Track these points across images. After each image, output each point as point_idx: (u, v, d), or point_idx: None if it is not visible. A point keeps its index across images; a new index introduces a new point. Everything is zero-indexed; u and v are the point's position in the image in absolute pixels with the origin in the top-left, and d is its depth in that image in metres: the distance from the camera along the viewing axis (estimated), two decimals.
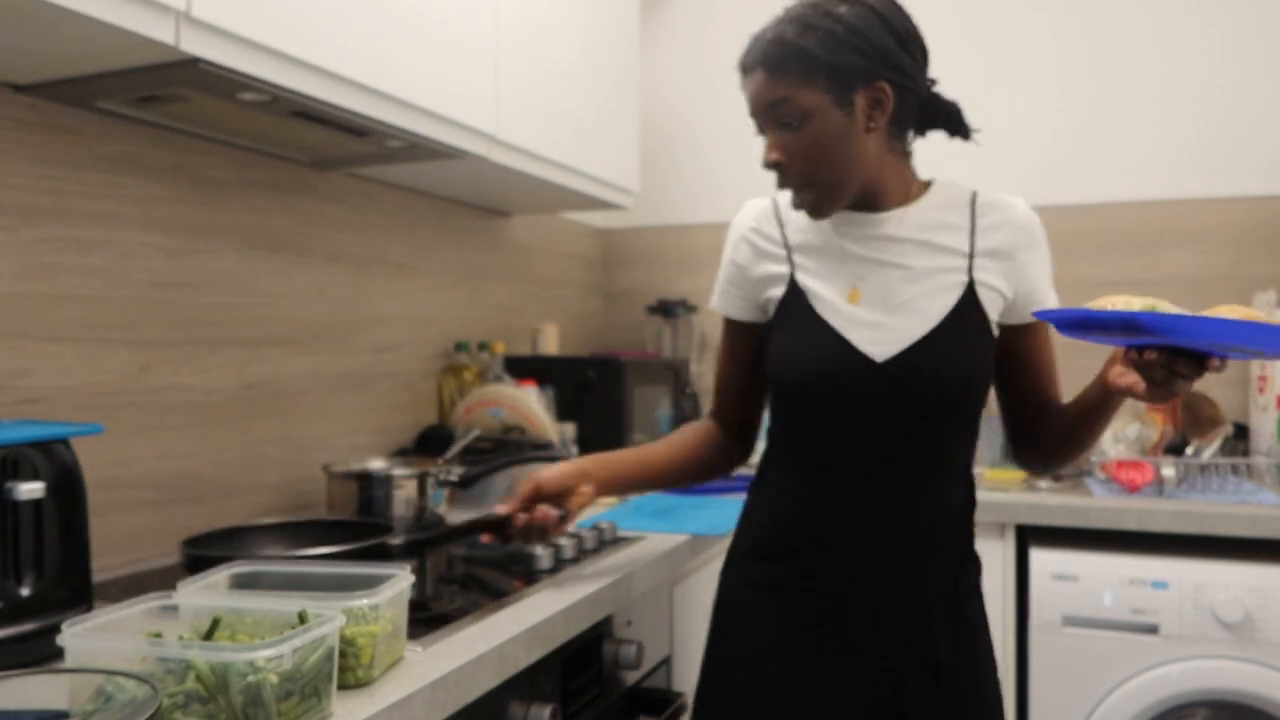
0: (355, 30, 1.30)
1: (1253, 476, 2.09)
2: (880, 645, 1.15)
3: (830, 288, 1.17)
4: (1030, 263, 1.17)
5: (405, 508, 1.56)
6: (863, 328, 1.13)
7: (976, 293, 1.14)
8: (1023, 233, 1.17)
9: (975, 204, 1.18)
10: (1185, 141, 2.43)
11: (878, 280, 1.15)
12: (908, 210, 1.17)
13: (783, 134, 1.12)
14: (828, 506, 1.16)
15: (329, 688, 0.80)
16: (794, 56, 1.09)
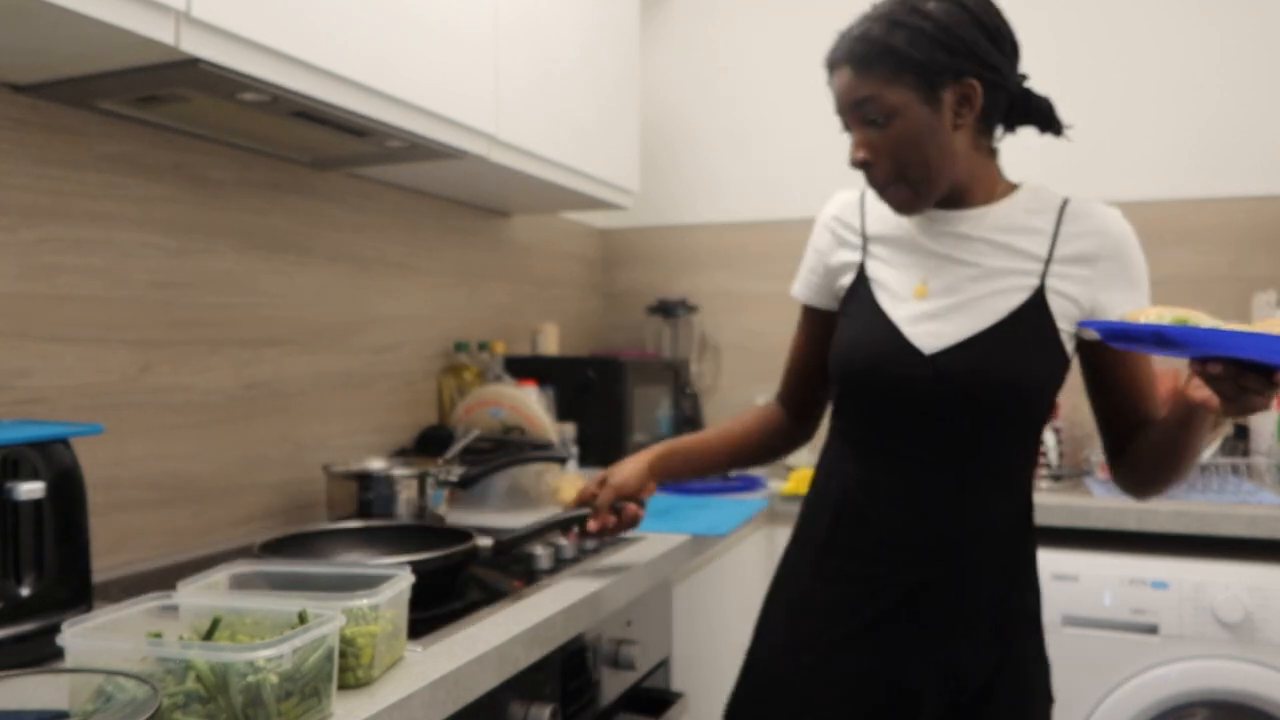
0: (355, 30, 1.30)
1: (1253, 476, 2.09)
2: (902, 649, 1.13)
3: (898, 280, 1.17)
4: (1113, 274, 1.13)
5: (405, 508, 1.56)
6: (920, 321, 1.13)
7: (1046, 299, 1.12)
8: (1110, 243, 1.14)
9: (1064, 210, 1.16)
10: (1185, 141, 2.43)
11: (946, 276, 1.14)
12: (989, 209, 1.16)
13: (868, 132, 1.11)
14: (873, 493, 1.16)
15: (329, 688, 0.80)
16: (880, 54, 1.08)
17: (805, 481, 2.03)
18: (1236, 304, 2.35)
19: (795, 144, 2.72)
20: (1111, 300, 1.13)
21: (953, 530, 1.13)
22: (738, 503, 1.91)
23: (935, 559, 1.13)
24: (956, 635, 1.13)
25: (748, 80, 2.78)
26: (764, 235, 2.77)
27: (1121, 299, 1.13)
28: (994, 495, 1.14)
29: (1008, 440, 1.15)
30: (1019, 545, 1.17)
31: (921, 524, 1.13)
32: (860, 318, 1.18)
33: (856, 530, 1.17)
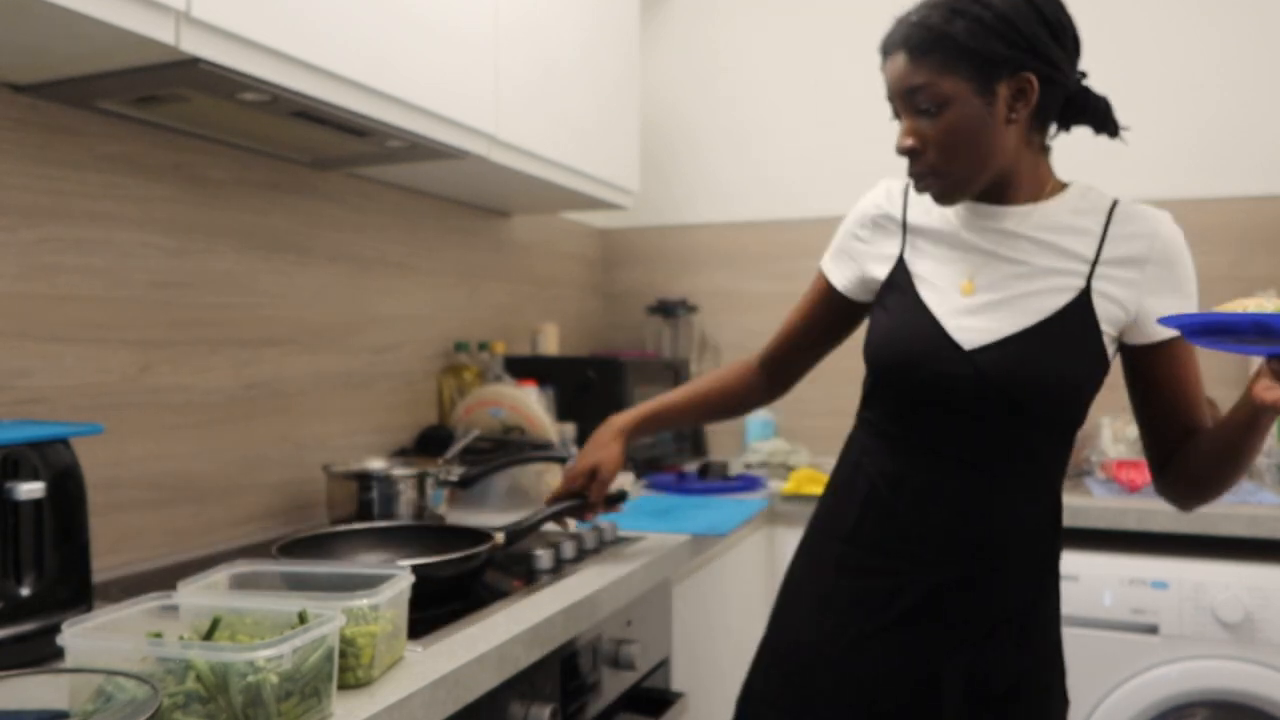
0: (355, 30, 1.30)
1: (1253, 476, 2.09)
2: (924, 650, 1.12)
3: (942, 274, 1.15)
4: (1161, 279, 1.10)
5: (405, 508, 1.56)
6: (962, 316, 1.12)
7: (1091, 301, 1.09)
8: (1159, 246, 1.10)
9: (1113, 211, 1.13)
10: (1185, 141, 2.42)
11: (991, 273, 1.13)
12: (1036, 207, 1.13)
13: (919, 120, 1.09)
14: (902, 488, 1.15)
15: (329, 688, 0.80)
16: (937, 42, 1.06)
17: (806, 481, 2.03)
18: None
19: (795, 144, 2.72)
20: (1158, 305, 1.09)
21: (983, 529, 1.12)
22: (738, 503, 1.91)
23: (964, 557, 1.12)
24: (984, 636, 1.12)
25: (748, 80, 2.78)
26: (764, 235, 2.77)
27: (1168, 304, 1.10)
28: (1025, 496, 1.14)
29: (1041, 441, 1.13)
30: (1047, 547, 1.17)
31: (952, 522, 1.12)
32: (901, 310, 1.16)
33: (884, 525, 1.16)
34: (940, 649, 1.12)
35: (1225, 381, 2.35)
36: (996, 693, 1.12)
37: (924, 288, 1.16)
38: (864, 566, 1.16)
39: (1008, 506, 1.12)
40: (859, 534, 1.18)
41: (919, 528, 1.13)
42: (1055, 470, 1.17)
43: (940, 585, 1.12)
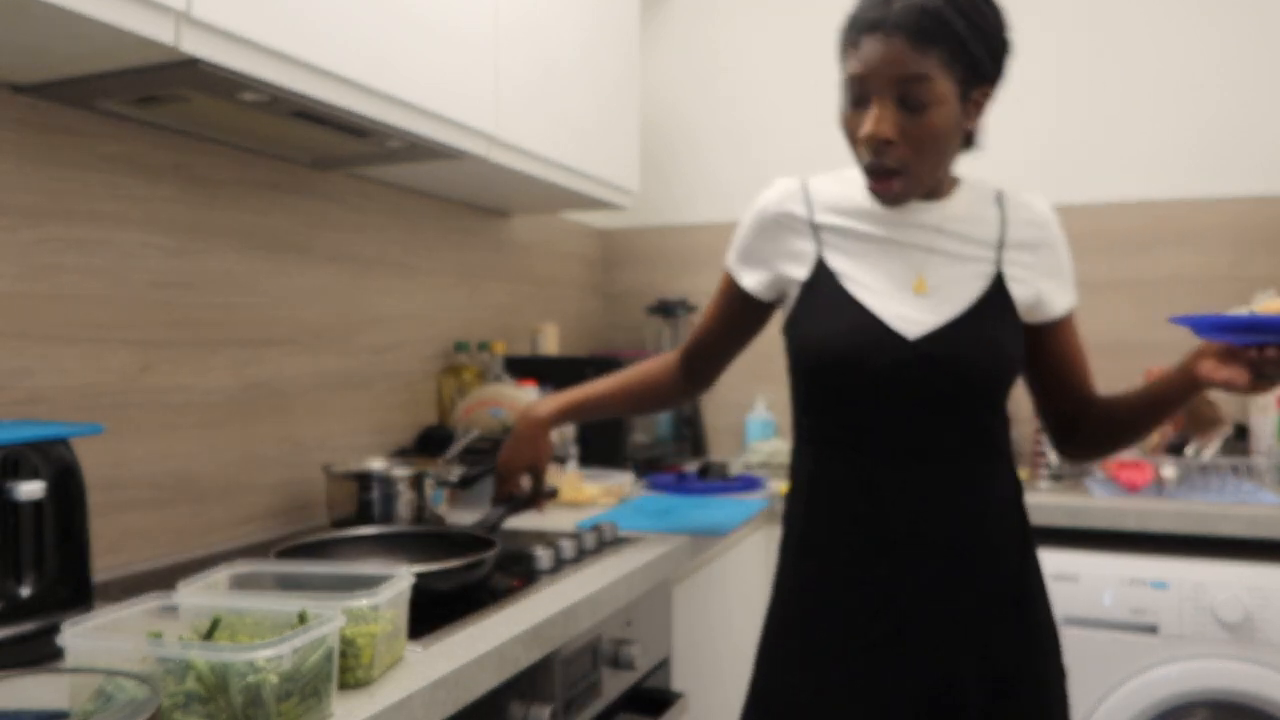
0: (355, 30, 1.30)
1: (1253, 476, 2.09)
2: (934, 647, 1.11)
3: (879, 273, 1.16)
4: (1050, 262, 1.20)
5: (405, 508, 1.56)
6: (899, 309, 1.14)
7: (1005, 283, 1.16)
8: (1047, 229, 1.20)
9: (1001, 199, 1.20)
10: (1185, 141, 2.43)
11: (932, 268, 1.16)
12: (948, 201, 1.19)
13: (900, 111, 1.05)
14: (870, 493, 1.13)
15: (329, 688, 0.80)
16: (942, 34, 1.02)
17: None
18: (1236, 304, 2.35)
19: (795, 144, 2.72)
20: (1047, 288, 1.19)
21: (958, 519, 1.12)
22: (738, 503, 1.91)
23: (947, 552, 1.12)
24: (987, 616, 1.12)
25: (748, 80, 2.78)
26: None
27: (1054, 287, 1.19)
28: (988, 477, 1.15)
29: (990, 420, 1.16)
30: (1020, 521, 1.19)
31: (923, 516, 1.12)
32: (832, 311, 1.16)
33: (857, 536, 1.14)
34: (950, 642, 1.11)
35: None
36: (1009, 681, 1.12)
37: (854, 287, 1.16)
38: (847, 580, 1.14)
39: (972, 491, 1.14)
40: (833, 551, 1.15)
41: (899, 529, 1.12)
42: (1006, 447, 1.19)
43: (934, 578, 1.11)
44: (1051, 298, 1.20)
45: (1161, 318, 2.43)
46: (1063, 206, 2.52)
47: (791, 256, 1.21)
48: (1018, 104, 2.56)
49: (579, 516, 1.73)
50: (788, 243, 1.22)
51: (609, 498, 1.89)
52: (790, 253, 1.22)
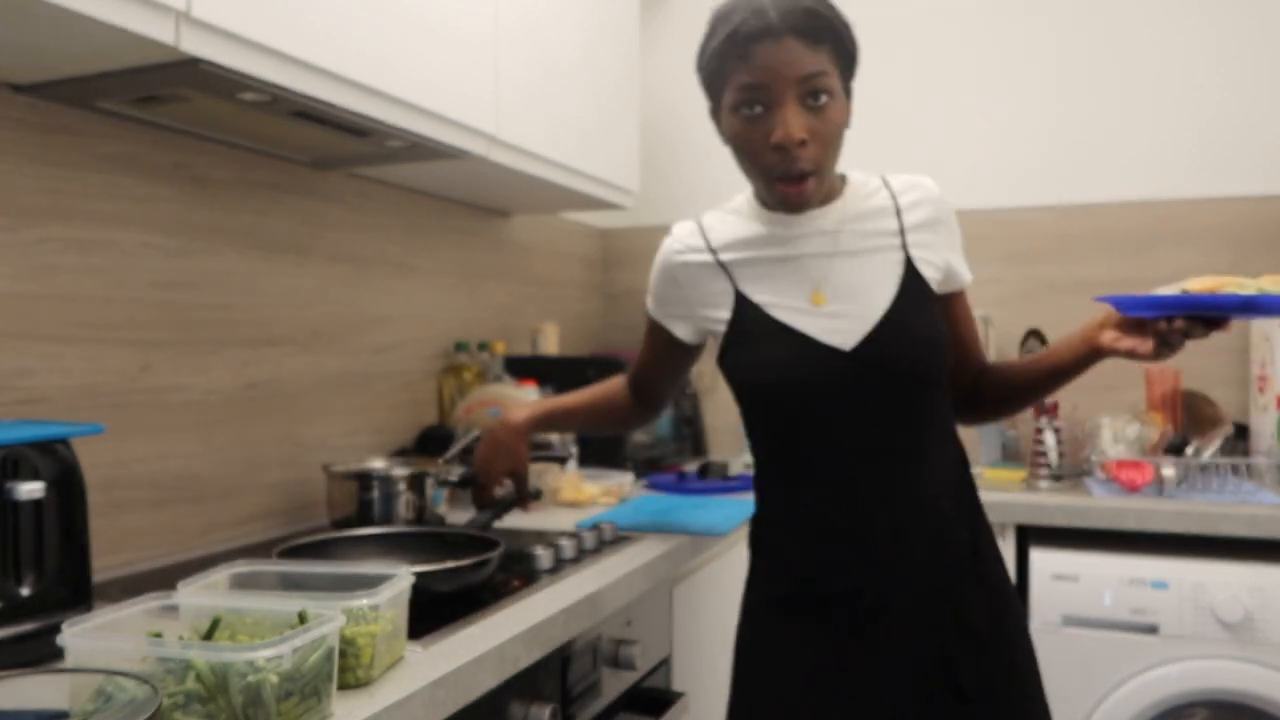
0: (355, 30, 1.30)
1: (1253, 476, 2.09)
2: (917, 628, 1.12)
3: (787, 295, 1.17)
4: (948, 236, 1.21)
5: (405, 508, 1.56)
6: (825, 322, 1.14)
7: (916, 266, 1.16)
8: (939, 207, 1.20)
9: (890, 185, 1.20)
10: (1185, 141, 2.43)
11: (834, 276, 1.16)
12: (840, 202, 1.19)
13: (806, 111, 1.07)
14: (832, 504, 1.14)
15: (329, 688, 0.80)
16: (828, 31, 1.07)
17: None
18: None
19: None
20: (954, 260, 1.21)
21: (919, 508, 1.14)
22: (738, 503, 1.91)
23: (913, 542, 1.13)
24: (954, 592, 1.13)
25: None
26: None
27: (959, 257, 1.22)
28: (940, 459, 1.17)
29: (934, 403, 1.17)
30: (970, 491, 1.21)
31: (886, 516, 1.13)
32: (762, 339, 1.16)
33: (823, 547, 1.15)
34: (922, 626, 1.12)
35: (1227, 382, 2.35)
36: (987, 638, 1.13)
37: (777, 312, 1.17)
38: (811, 596, 1.15)
39: (928, 478, 1.14)
40: (798, 567, 1.16)
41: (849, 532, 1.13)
42: (949, 423, 1.21)
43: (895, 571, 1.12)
44: (959, 269, 1.21)
45: None
46: (1063, 207, 2.52)
47: (709, 300, 1.22)
48: (1018, 105, 2.56)
49: (579, 516, 1.73)
50: (701, 286, 1.23)
51: (609, 498, 1.89)
52: (707, 297, 1.23)
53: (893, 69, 2.61)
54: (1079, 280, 2.49)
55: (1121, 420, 2.10)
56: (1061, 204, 2.51)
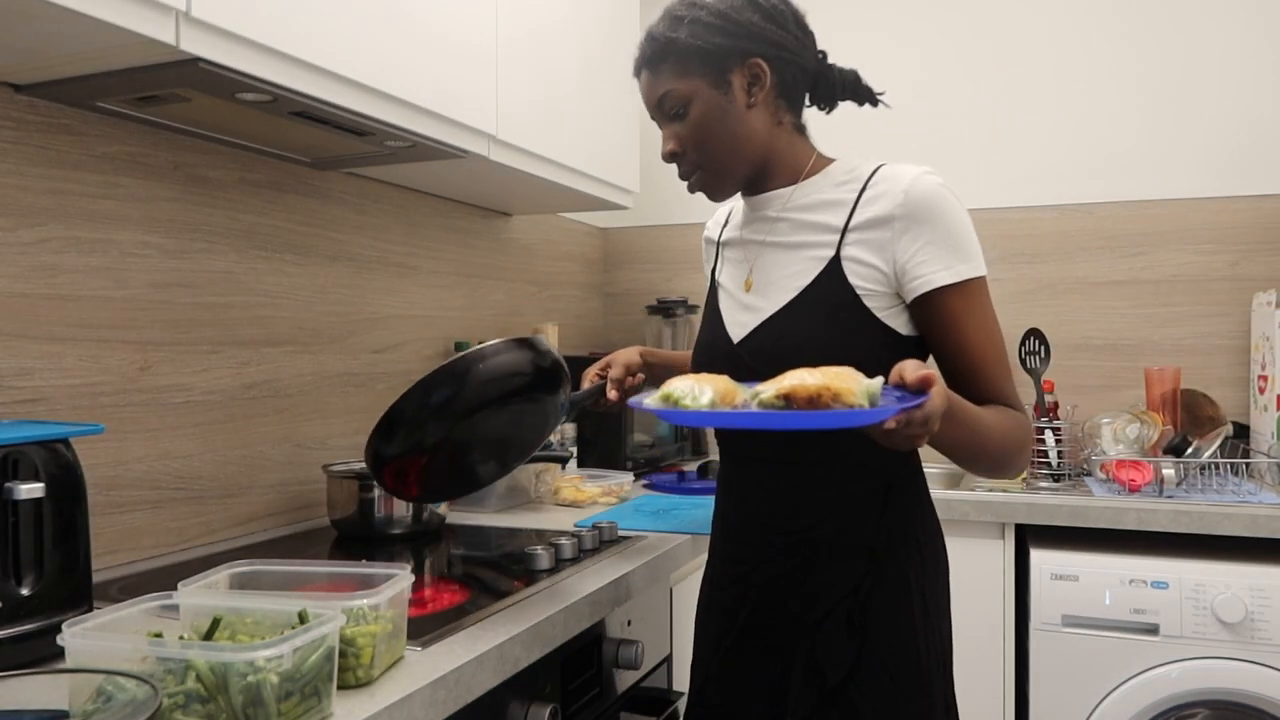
0: (355, 30, 1.30)
1: (1253, 476, 2.09)
2: (771, 648, 1.14)
3: (733, 278, 1.22)
4: (909, 233, 1.06)
5: (405, 508, 1.56)
6: (740, 311, 1.17)
7: (841, 266, 1.09)
8: (901, 200, 1.06)
9: (870, 177, 1.12)
10: (1185, 141, 2.43)
11: (762, 264, 1.17)
12: (795, 188, 1.17)
13: (673, 125, 1.16)
14: (731, 493, 1.22)
15: (329, 688, 0.80)
16: (666, 50, 1.14)
17: None
18: (1236, 304, 2.35)
19: None
20: (915, 260, 1.05)
21: (797, 520, 1.13)
22: None
23: (786, 552, 1.14)
24: (813, 628, 1.11)
25: None
26: None
27: (926, 258, 1.05)
28: (832, 478, 1.12)
29: None
30: (872, 529, 1.11)
31: (766, 516, 1.16)
32: (704, 321, 1.25)
33: (728, 532, 1.23)
34: (782, 645, 1.14)
35: (1227, 382, 2.35)
36: (832, 683, 1.09)
37: (722, 296, 1.23)
38: (724, 576, 1.22)
39: (817, 491, 1.13)
40: (717, 546, 1.26)
41: (745, 529, 1.19)
42: (858, 447, 1.00)
43: (772, 580, 1.15)
44: (925, 270, 1.05)
45: (1162, 318, 2.43)
46: (1063, 207, 2.52)
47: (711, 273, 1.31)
48: (1018, 105, 2.56)
49: (579, 516, 1.73)
50: (708, 265, 1.33)
51: (609, 498, 1.89)
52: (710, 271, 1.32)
53: (893, 68, 2.61)
54: (1079, 280, 2.49)
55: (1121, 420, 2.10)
56: (1061, 204, 2.51)
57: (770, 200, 1.18)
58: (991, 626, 1.93)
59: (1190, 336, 2.40)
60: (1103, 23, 2.49)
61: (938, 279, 1.06)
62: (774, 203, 1.18)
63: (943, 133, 2.60)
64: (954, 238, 1.06)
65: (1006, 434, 1.05)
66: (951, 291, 1.06)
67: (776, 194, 1.18)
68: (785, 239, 1.16)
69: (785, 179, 1.18)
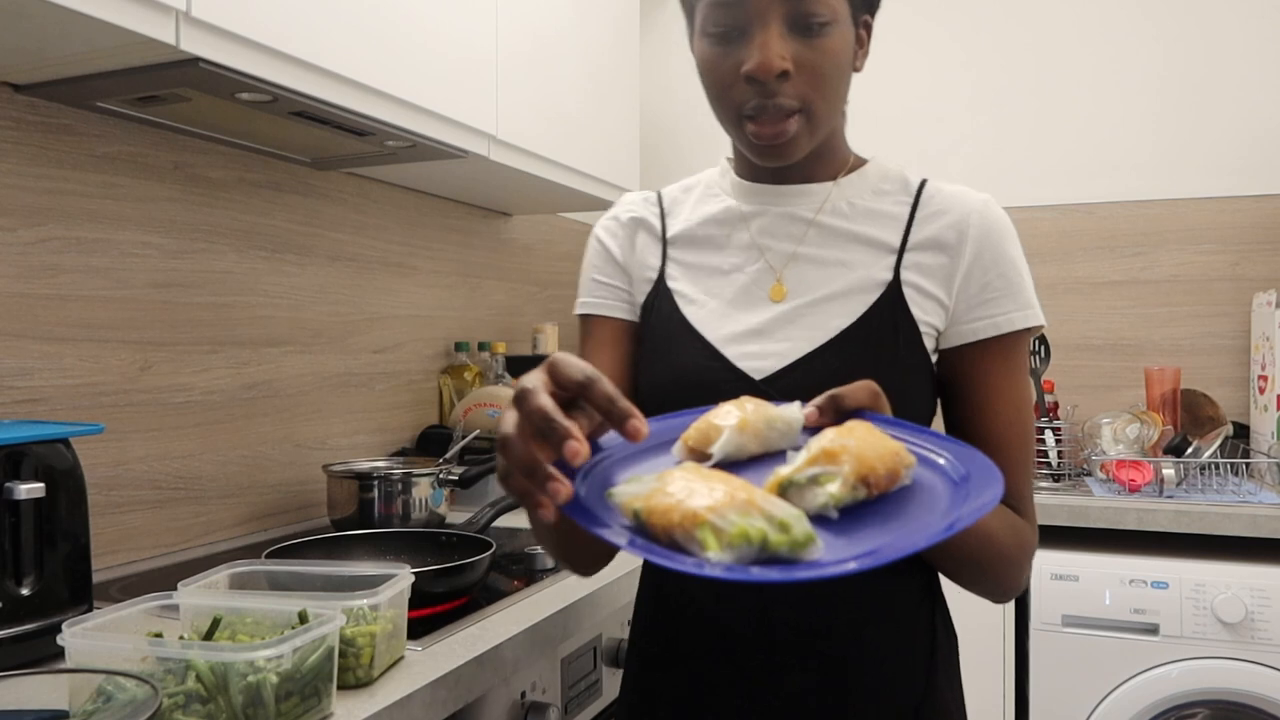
0: (355, 30, 1.30)
1: (1253, 476, 2.09)
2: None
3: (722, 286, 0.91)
4: (980, 263, 0.87)
5: (405, 508, 1.56)
6: (746, 340, 0.87)
7: (902, 293, 0.86)
8: (977, 224, 0.88)
9: (922, 191, 0.91)
10: (1185, 142, 2.43)
11: (795, 272, 0.89)
12: (835, 186, 0.91)
13: (798, 41, 0.81)
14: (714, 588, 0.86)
15: (329, 688, 0.80)
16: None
17: None
18: (1236, 304, 2.35)
19: None
20: (984, 296, 0.86)
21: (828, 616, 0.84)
22: None
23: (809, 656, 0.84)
24: None
25: None
26: None
27: (996, 295, 0.86)
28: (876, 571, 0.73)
29: None
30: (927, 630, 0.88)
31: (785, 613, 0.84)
32: (672, 344, 0.90)
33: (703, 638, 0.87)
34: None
35: (1227, 382, 2.35)
36: None
37: (691, 310, 0.91)
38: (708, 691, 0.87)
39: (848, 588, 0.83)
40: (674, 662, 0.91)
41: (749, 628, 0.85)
42: None
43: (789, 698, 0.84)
44: (987, 308, 0.86)
45: (1162, 318, 2.43)
46: (1063, 207, 2.52)
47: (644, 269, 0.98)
48: (1018, 105, 2.56)
49: None
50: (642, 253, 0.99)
51: None
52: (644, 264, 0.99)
53: (892, 68, 2.61)
54: (1079, 280, 2.49)
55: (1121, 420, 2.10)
56: (1061, 204, 2.51)
57: (806, 195, 0.91)
58: (991, 626, 1.93)
59: (1190, 336, 2.40)
60: (1103, 23, 2.49)
61: (1014, 320, 0.86)
62: (809, 199, 0.91)
63: (943, 133, 2.60)
64: (1025, 277, 0.88)
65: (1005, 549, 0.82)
66: (1007, 341, 0.86)
67: (815, 188, 0.91)
68: (828, 251, 0.89)
69: (827, 172, 0.92)
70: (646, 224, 0.99)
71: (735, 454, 0.64)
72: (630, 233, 1.00)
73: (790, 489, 0.58)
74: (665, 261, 0.96)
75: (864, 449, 0.59)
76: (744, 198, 0.94)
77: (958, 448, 0.64)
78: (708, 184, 0.98)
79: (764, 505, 0.53)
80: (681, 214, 0.97)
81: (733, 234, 0.93)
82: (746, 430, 0.65)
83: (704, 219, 0.95)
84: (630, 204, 1.01)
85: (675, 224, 0.97)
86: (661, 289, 0.94)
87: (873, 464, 0.58)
